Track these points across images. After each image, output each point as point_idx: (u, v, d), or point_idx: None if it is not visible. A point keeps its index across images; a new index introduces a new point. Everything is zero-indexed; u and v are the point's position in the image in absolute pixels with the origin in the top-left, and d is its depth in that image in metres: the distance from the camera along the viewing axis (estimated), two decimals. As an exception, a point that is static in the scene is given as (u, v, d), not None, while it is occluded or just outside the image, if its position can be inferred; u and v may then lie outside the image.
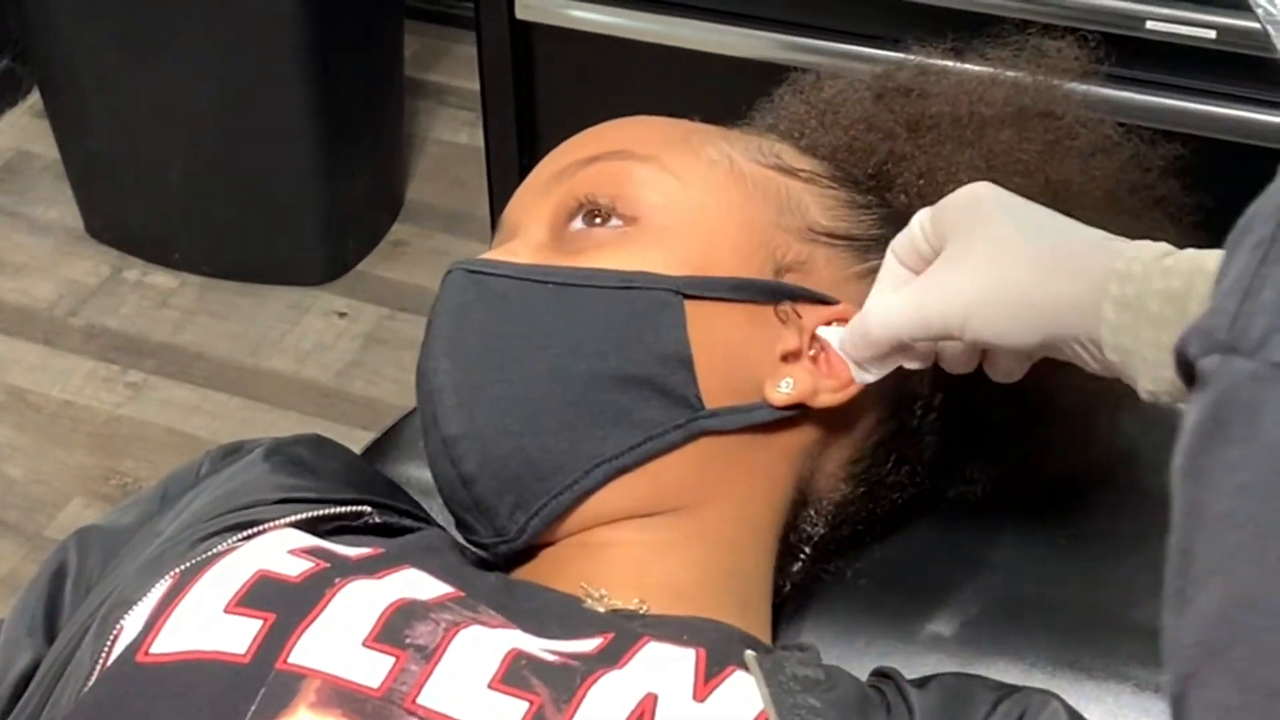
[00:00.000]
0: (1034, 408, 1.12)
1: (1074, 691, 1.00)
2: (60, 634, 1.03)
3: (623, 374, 1.00)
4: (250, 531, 0.99)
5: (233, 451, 1.13)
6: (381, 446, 1.29)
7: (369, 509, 1.06)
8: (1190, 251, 0.90)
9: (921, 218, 0.99)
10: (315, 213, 2.86)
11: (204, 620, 0.91)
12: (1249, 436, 0.58)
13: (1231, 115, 1.83)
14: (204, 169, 2.81)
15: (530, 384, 1.00)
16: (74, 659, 0.98)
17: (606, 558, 1.01)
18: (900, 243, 1.01)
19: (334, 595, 0.92)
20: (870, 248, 1.08)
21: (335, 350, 2.79)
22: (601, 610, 0.97)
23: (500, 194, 2.44)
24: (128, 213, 2.94)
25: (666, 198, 1.05)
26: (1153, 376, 0.88)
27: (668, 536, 1.01)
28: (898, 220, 1.10)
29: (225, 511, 1.04)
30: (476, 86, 2.37)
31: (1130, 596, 1.12)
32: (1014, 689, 0.95)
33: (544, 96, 2.32)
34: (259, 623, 0.90)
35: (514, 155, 2.37)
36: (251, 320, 2.84)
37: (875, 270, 1.06)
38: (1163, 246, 0.91)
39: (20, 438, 2.65)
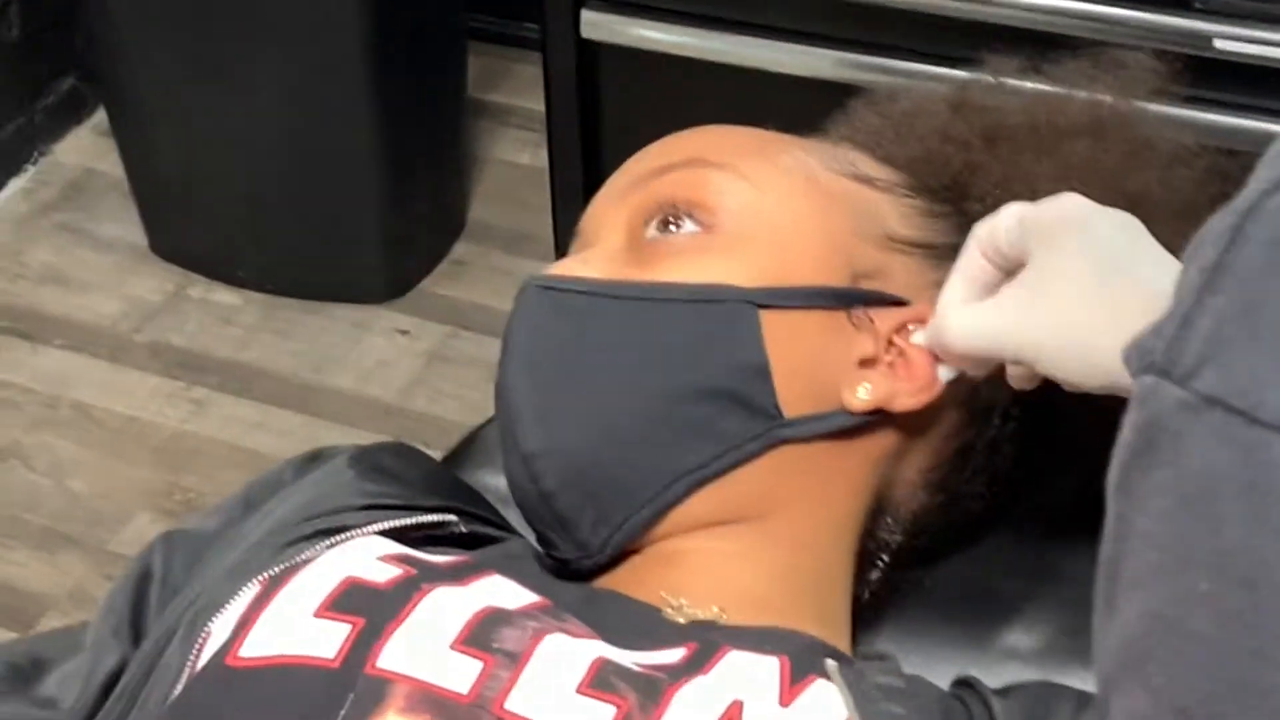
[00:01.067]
0: (1113, 418, 1.12)
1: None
2: (147, 636, 1.03)
3: (701, 387, 1.00)
4: (337, 539, 1.00)
5: (315, 458, 1.14)
6: (461, 454, 1.30)
7: (455, 518, 1.06)
8: None
9: (1009, 218, 0.98)
10: (378, 232, 2.87)
11: (293, 625, 0.92)
12: (1173, 462, 0.58)
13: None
14: (268, 188, 2.82)
15: (608, 399, 1.00)
16: (161, 661, 0.98)
17: (686, 566, 1.01)
18: (984, 234, 1.00)
19: (421, 600, 0.92)
20: (947, 255, 1.07)
21: (398, 368, 2.80)
22: (681, 620, 0.97)
23: (564, 214, 2.44)
24: (192, 231, 2.95)
25: (742, 205, 1.05)
26: None
27: (747, 545, 1.01)
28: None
29: (311, 517, 1.04)
30: (538, 107, 2.38)
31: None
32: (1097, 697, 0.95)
33: (608, 116, 2.32)
34: (348, 627, 0.91)
35: (578, 175, 2.37)
36: (314, 338, 2.85)
37: None
38: None
39: (85, 453, 2.66)
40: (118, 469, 2.63)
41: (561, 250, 2.17)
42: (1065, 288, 0.92)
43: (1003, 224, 0.98)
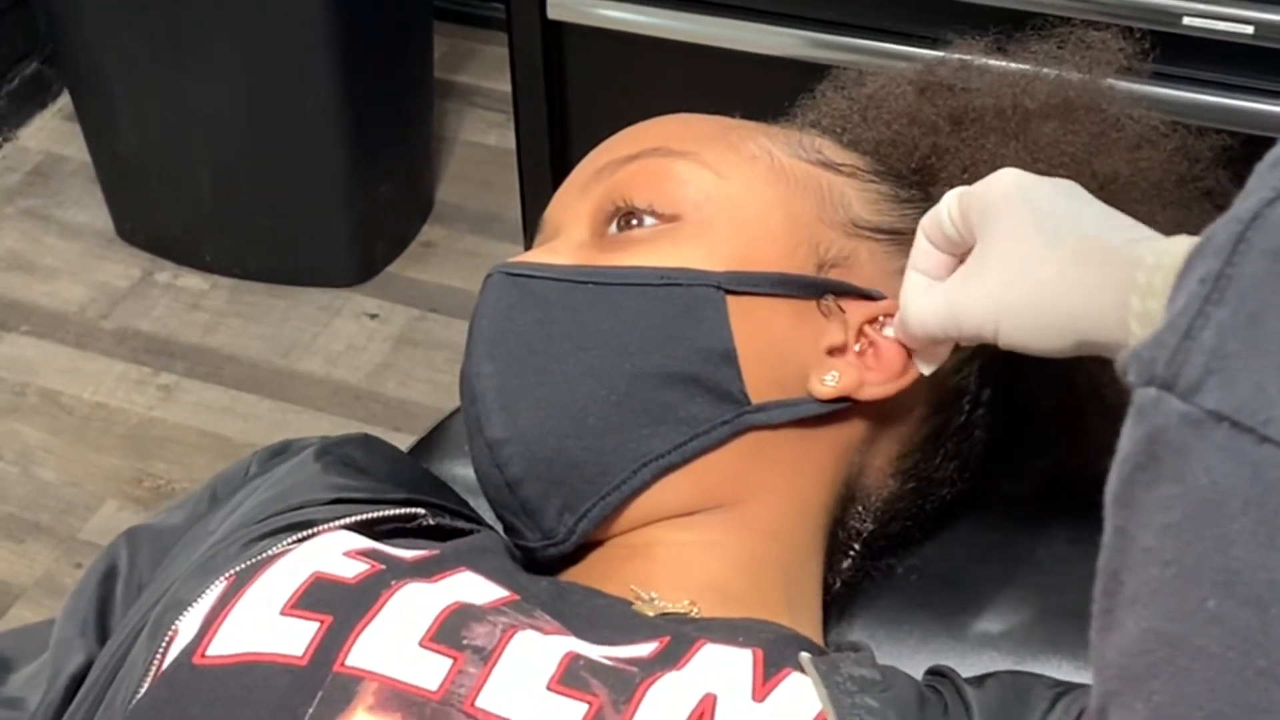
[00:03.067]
0: (1083, 402, 1.12)
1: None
2: (113, 635, 1.02)
3: (667, 371, 0.99)
4: (304, 533, 0.99)
5: (280, 451, 1.13)
6: (427, 445, 1.29)
7: (423, 511, 1.05)
8: None
9: (950, 202, 0.97)
10: (345, 215, 2.86)
11: (261, 622, 0.91)
12: (1178, 478, 0.58)
13: (1269, 111, 1.82)
14: (234, 172, 2.81)
15: (574, 385, 0.99)
16: (127, 660, 0.97)
17: (655, 558, 1.00)
18: (928, 222, 0.99)
19: (390, 597, 0.91)
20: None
21: (366, 352, 2.79)
22: (652, 614, 0.97)
23: (532, 195, 2.43)
24: (158, 215, 2.94)
25: (706, 193, 1.04)
26: None
27: (716, 535, 1.01)
28: None
29: (278, 512, 1.03)
30: (505, 87, 2.36)
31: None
32: (1072, 686, 0.94)
33: (575, 97, 2.31)
34: (316, 625, 0.90)
35: (545, 156, 2.36)
36: (283, 322, 2.84)
37: None
38: (1187, 243, 0.89)
39: (53, 440, 2.65)
40: (86, 456, 2.62)
41: (530, 232, 2.16)
42: (1012, 257, 0.91)
43: (944, 209, 0.97)
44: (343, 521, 1.00)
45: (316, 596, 0.91)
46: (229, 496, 1.09)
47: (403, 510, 1.04)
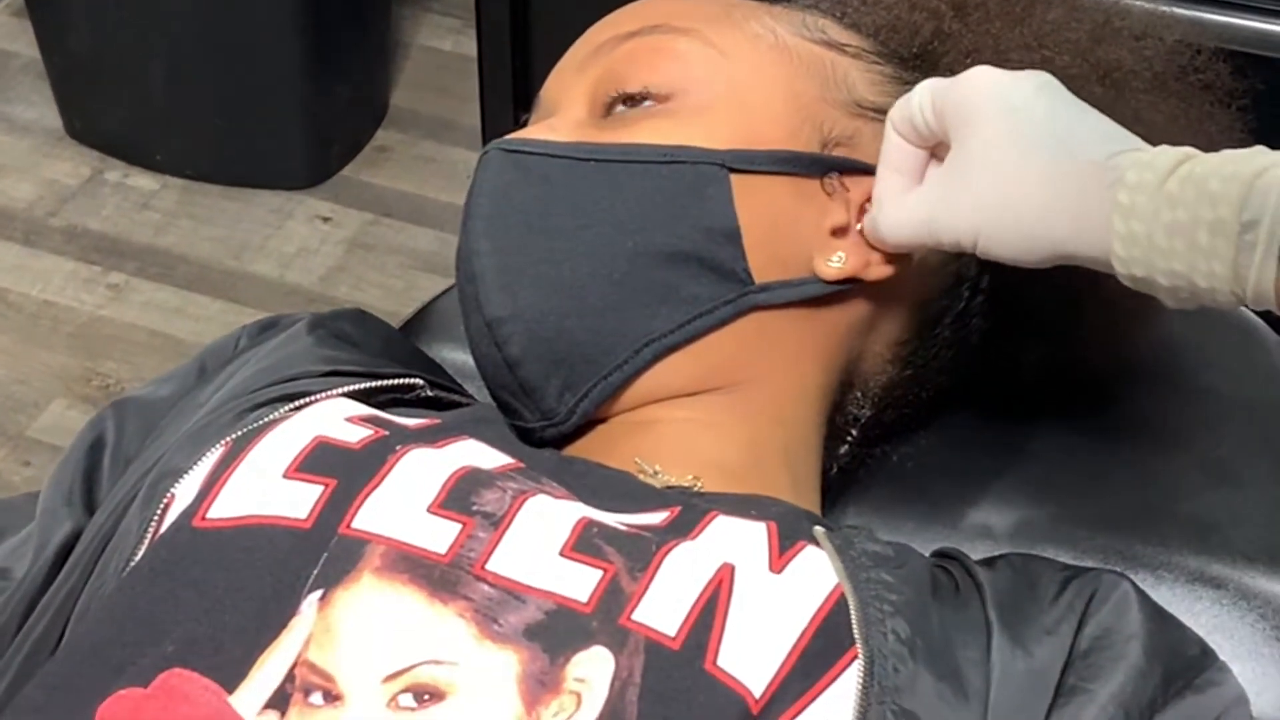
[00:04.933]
0: (1080, 294, 1.11)
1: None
2: (102, 505, 1.00)
3: (669, 250, 0.98)
4: (302, 402, 0.97)
5: (270, 325, 1.11)
6: (415, 327, 1.27)
7: (420, 382, 1.03)
8: (1195, 166, 0.85)
9: (922, 95, 0.96)
10: (299, 117, 2.82)
11: (263, 486, 0.89)
12: None
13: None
14: (186, 71, 2.77)
15: (575, 263, 0.98)
16: (120, 528, 0.95)
17: (658, 434, 0.99)
18: (898, 116, 0.98)
19: (396, 462, 0.90)
20: None
21: (319, 255, 2.76)
22: (658, 486, 0.95)
23: (492, 101, 2.41)
24: (109, 114, 2.90)
25: (709, 71, 1.02)
26: (1173, 299, 0.86)
27: (718, 415, 0.99)
28: None
29: (273, 383, 1.02)
30: (464, -8, 2.34)
31: (1178, 489, 1.11)
32: (1082, 569, 0.93)
33: (538, 3, 2.29)
34: (320, 488, 0.88)
35: (507, 62, 2.34)
36: (235, 224, 2.81)
37: None
38: (1170, 159, 0.86)
39: (0, 338, 2.61)
40: (34, 354, 2.59)
41: (490, 137, 2.14)
42: (994, 168, 0.90)
43: (915, 103, 0.96)
44: (340, 390, 0.99)
45: (320, 460, 0.90)
46: (218, 370, 1.07)
47: (400, 380, 1.02)
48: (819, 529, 0.90)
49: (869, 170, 1.02)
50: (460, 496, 0.88)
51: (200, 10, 2.70)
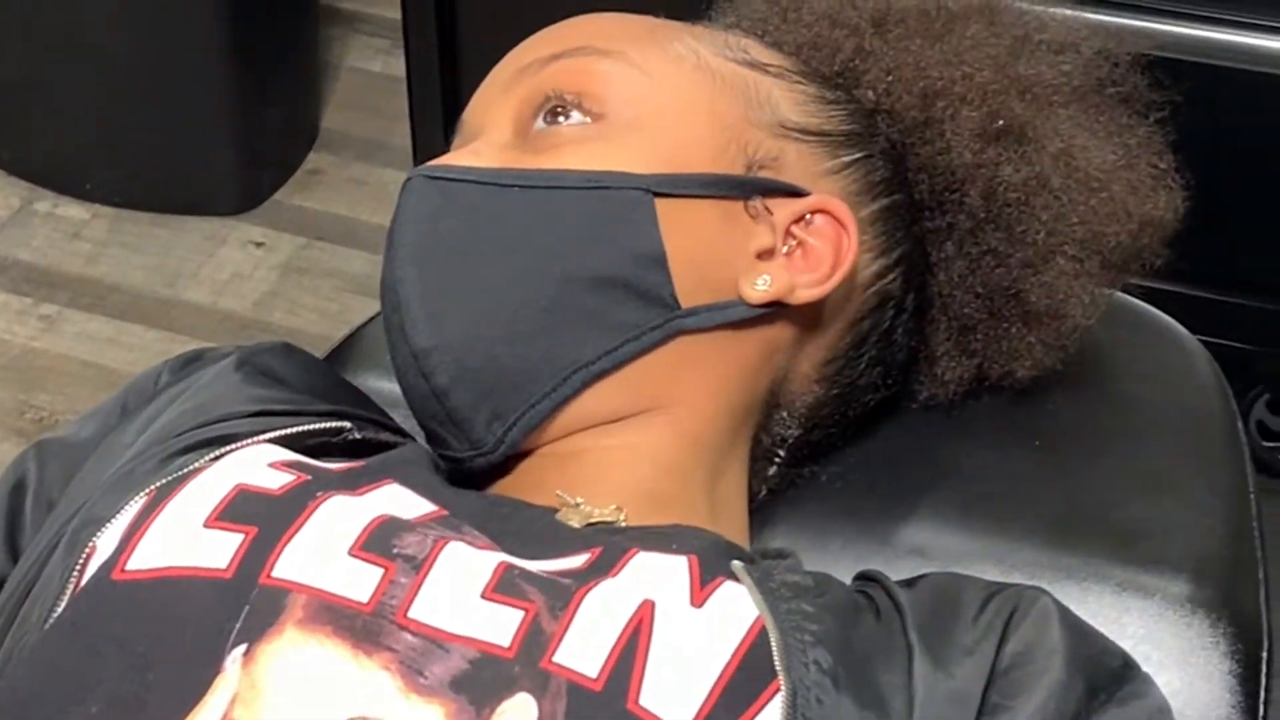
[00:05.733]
0: (1005, 309, 1.11)
1: (1055, 591, 0.98)
2: (25, 551, 0.99)
3: (596, 276, 0.97)
4: (227, 448, 0.96)
5: (194, 359, 1.10)
6: (342, 356, 1.26)
7: (348, 424, 1.03)
8: None
9: None
10: (229, 142, 2.82)
11: (183, 536, 0.88)
12: None
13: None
14: (115, 99, 2.77)
15: (502, 291, 0.97)
16: (42, 577, 0.94)
17: (583, 464, 0.98)
18: None
19: (317, 507, 0.88)
20: (841, 143, 1.07)
21: (253, 280, 2.75)
22: (577, 523, 0.95)
23: (422, 122, 2.41)
24: (37, 143, 2.89)
25: (633, 92, 1.02)
26: None
27: (642, 439, 0.99)
28: (868, 119, 1.09)
29: (198, 425, 1.00)
30: (391, 13, 2.35)
31: (1107, 498, 1.11)
32: (1004, 586, 0.93)
33: (465, 22, 2.29)
34: (240, 536, 0.87)
35: (436, 82, 2.34)
36: (167, 251, 2.80)
37: (846, 167, 1.05)
38: None
39: (-69, 373, 2.60)
40: (-33, 388, 2.57)
41: (421, 158, 2.13)
42: None
43: None
44: (266, 435, 0.98)
45: (240, 508, 0.89)
46: (140, 408, 1.06)
47: (328, 424, 1.02)
48: (737, 563, 0.90)
49: (794, 192, 1.03)
50: (381, 540, 0.87)
51: (127, 38, 2.69)
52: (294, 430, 0.99)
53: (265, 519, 0.88)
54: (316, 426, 1.01)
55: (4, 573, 0.99)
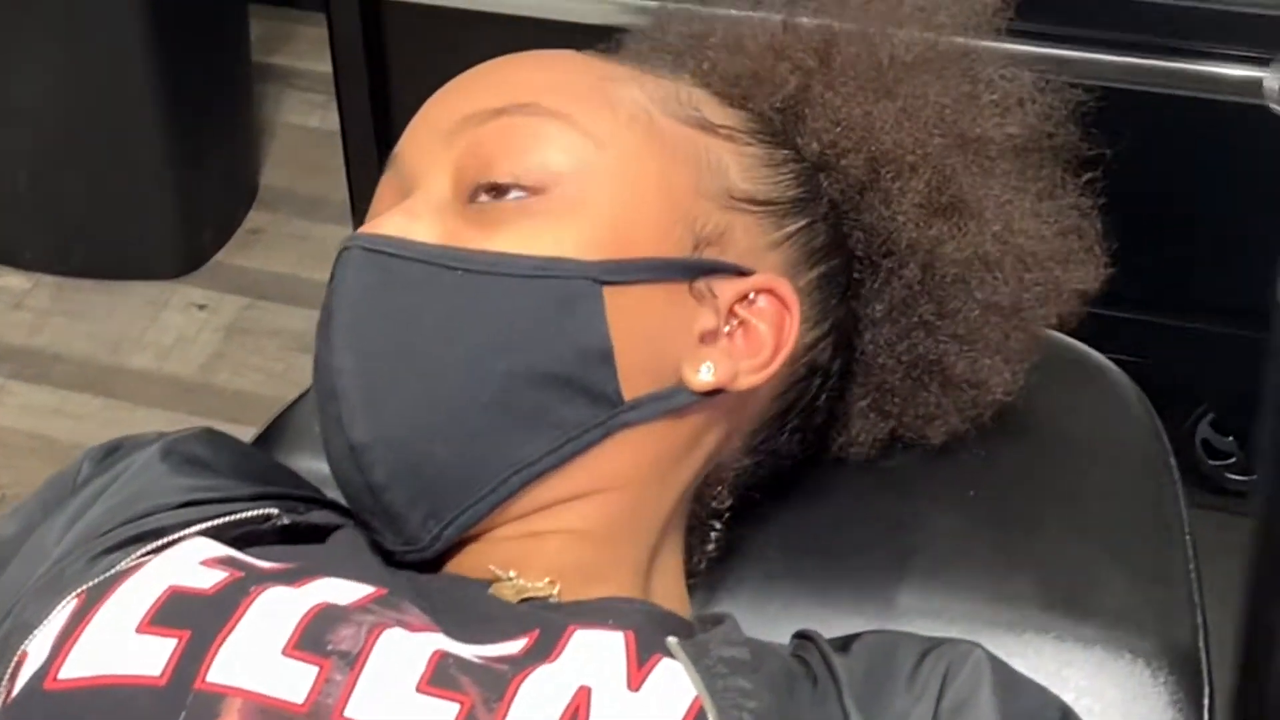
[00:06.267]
0: (926, 377, 1.12)
1: (995, 645, 0.98)
2: None
3: (541, 372, 0.95)
4: (156, 544, 0.95)
5: (112, 451, 1.08)
6: (272, 438, 1.25)
7: (275, 511, 1.01)
8: None
9: None
10: (168, 204, 2.81)
11: (115, 642, 0.86)
12: None
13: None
14: (50, 165, 2.76)
15: (443, 385, 0.94)
16: None
17: (518, 544, 0.97)
18: None
19: (250, 603, 0.87)
20: (787, 211, 1.05)
21: (197, 344, 2.75)
22: (511, 597, 0.94)
23: (358, 177, 2.41)
24: (-28, 214, 2.87)
25: (582, 166, 0.98)
26: None
27: (578, 522, 0.98)
28: (812, 180, 1.08)
29: (126, 520, 0.99)
30: (324, 69, 2.34)
31: (1042, 548, 1.11)
32: (938, 642, 0.93)
33: (397, 74, 2.28)
34: (174, 641, 0.85)
35: (370, 136, 2.34)
36: (109, 318, 2.79)
37: (790, 236, 1.05)
38: None
39: (-123, 451, 2.59)
40: (-88, 465, 2.56)
41: (359, 215, 2.13)
42: None
43: None
44: (196, 529, 0.96)
45: (173, 611, 0.87)
46: (64, 504, 1.05)
47: (255, 512, 1.00)
48: (672, 640, 0.89)
49: (738, 272, 1.02)
50: (315, 636, 0.86)
51: (60, 103, 2.69)
52: (222, 521, 0.98)
53: (198, 621, 0.86)
54: (244, 515, 0.99)
55: None
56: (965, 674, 0.90)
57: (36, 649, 0.89)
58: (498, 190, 0.97)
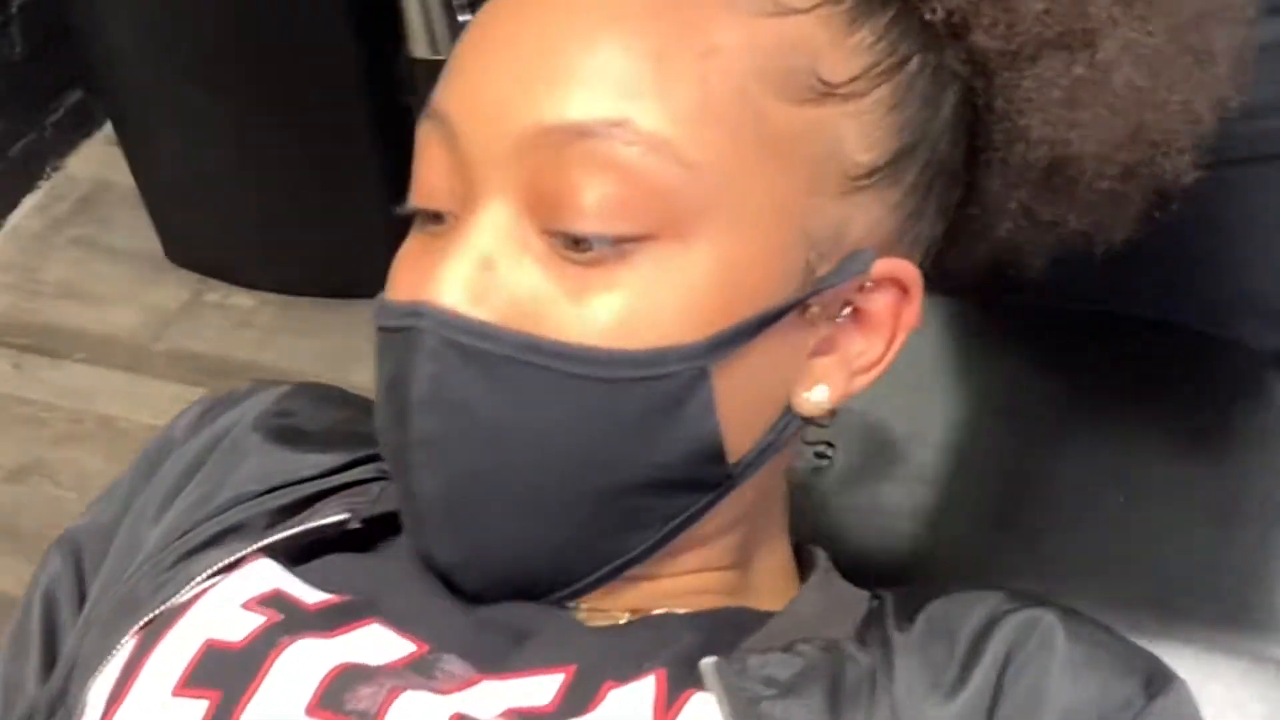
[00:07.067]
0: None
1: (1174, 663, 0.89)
2: (57, 664, 0.99)
3: (643, 482, 0.85)
4: (222, 564, 0.92)
5: (210, 409, 1.06)
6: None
7: (348, 515, 0.96)
8: None
9: None
10: (385, 223, 2.84)
11: (155, 705, 0.85)
12: None
13: None
14: (273, 189, 2.80)
15: (538, 502, 0.85)
16: None
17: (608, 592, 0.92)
18: None
19: (276, 659, 0.84)
20: (905, 164, 0.90)
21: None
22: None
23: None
24: (205, 236, 2.94)
25: (681, 209, 0.83)
26: None
27: (680, 569, 0.92)
28: (936, 77, 0.90)
29: (207, 518, 0.99)
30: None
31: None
32: (1006, 611, 0.86)
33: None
34: (205, 704, 0.83)
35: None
36: (333, 335, 2.83)
37: (910, 189, 0.90)
38: None
39: (112, 466, 2.62)
40: (144, 481, 2.61)
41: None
42: None
43: None
44: (262, 543, 0.93)
45: (205, 670, 0.85)
46: (155, 469, 1.05)
47: (329, 519, 0.96)
48: (708, 663, 0.82)
49: (856, 271, 0.89)
50: (335, 695, 0.82)
51: (290, 136, 2.74)
52: (292, 532, 0.95)
53: (227, 680, 0.84)
54: (316, 524, 0.96)
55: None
56: (1034, 645, 0.84)
57: (95, 698, 0.89)
58: (578, 242, 0.83)
